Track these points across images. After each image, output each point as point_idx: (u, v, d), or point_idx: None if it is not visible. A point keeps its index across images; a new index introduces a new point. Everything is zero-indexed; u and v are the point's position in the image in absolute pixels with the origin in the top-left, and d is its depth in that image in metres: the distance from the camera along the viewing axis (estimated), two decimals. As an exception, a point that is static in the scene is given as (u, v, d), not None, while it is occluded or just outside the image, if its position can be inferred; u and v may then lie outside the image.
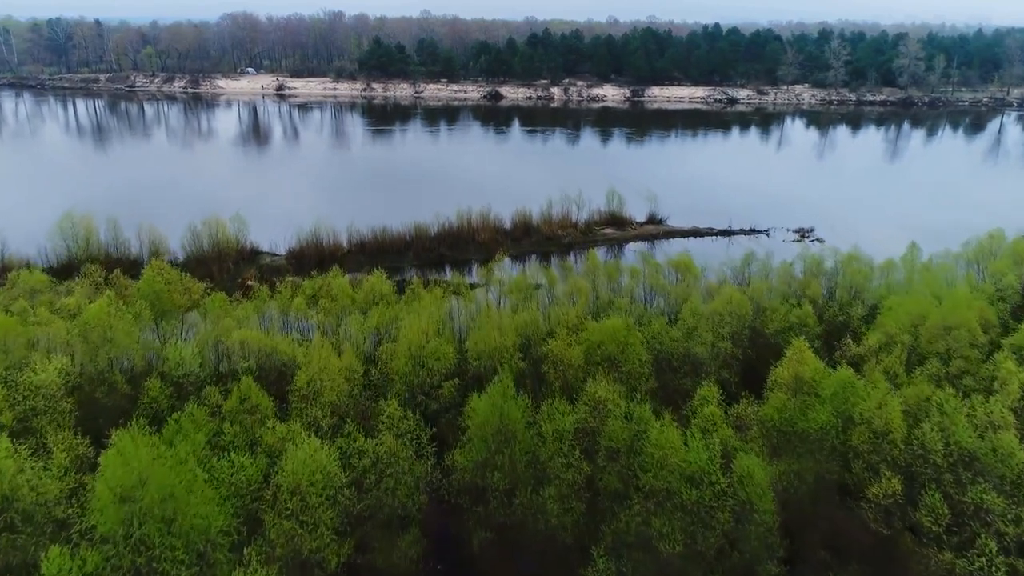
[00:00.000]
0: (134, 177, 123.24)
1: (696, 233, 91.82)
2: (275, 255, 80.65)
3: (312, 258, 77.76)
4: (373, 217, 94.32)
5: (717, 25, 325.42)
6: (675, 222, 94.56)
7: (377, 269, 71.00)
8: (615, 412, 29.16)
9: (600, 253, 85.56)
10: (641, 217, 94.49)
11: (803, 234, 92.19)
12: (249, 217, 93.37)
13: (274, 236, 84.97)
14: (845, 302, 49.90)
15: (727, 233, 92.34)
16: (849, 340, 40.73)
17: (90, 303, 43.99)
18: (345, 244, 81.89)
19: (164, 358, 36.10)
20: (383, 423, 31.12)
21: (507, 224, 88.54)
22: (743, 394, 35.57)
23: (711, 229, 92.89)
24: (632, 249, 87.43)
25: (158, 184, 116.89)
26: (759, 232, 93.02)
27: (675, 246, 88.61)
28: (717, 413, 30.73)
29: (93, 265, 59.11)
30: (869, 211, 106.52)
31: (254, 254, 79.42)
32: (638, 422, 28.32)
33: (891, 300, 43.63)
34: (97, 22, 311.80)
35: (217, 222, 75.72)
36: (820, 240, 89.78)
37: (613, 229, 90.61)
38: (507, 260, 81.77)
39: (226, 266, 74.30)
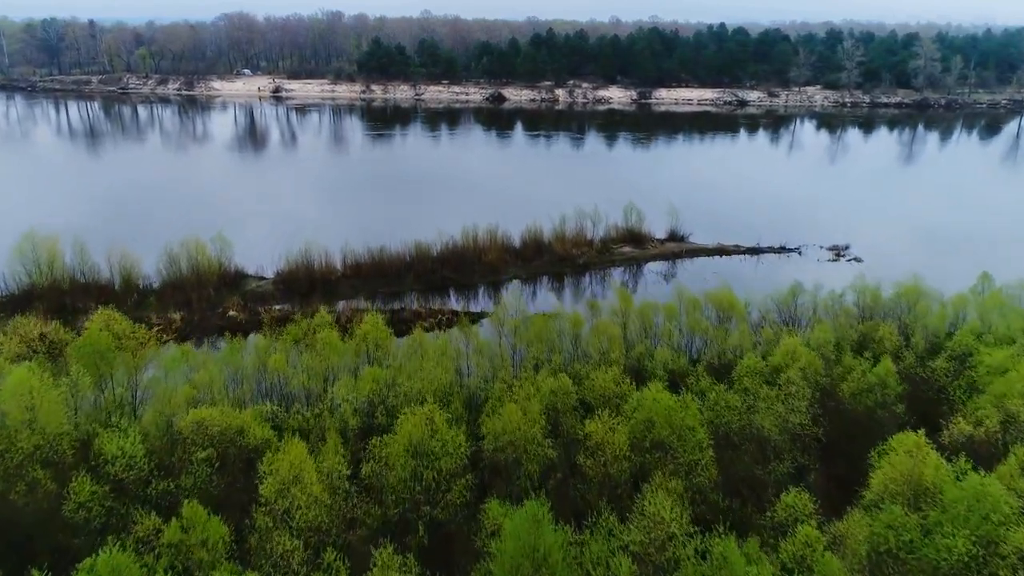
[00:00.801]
0: (119, 186, 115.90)
1: (722, 251, 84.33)
2: (262, 279, 73.19)
3: (302, 283, 70.35)
4: (371, 231, 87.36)
5: (723, 25, 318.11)
6: (698, 239, 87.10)
7: (373, 304, 63.90)
8: (683, 547, 21.77)
9: (617, 274, 78.42)
10: (661, 233, 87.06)
11: (838, 252, 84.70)
12: (238, 232, 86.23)
13: (262, 254, 77.74)
14: (921, 350, 42.37)
15: (755, 251, 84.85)
16: (959, 420, 32.96)
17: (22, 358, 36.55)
18: (339, 266, 74.49)
19: (99, 449, 28.56)
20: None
21: (516, 242, 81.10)
22: (830, 488, 28.09)
23: (737, 247, 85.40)
24: (652, 270, 79.97)
25: (144, 194, 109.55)
26: (790, 250, 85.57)
27: (699, 266, 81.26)
28: (815, 536, 23.28)
29: (26, 318, 50.48)
30: (900, 222, 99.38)
31: (238, 278, 71.94)
32: (719, 564, 20.88)
33: (991, 355, 36.12)
34: (91, 22, 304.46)
35: (196, 244, 68.25)
36: (858, 259, 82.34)
37: (631, 247, 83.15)
38: (516, 283, 74.57)
39: (206, 293, 66.83)
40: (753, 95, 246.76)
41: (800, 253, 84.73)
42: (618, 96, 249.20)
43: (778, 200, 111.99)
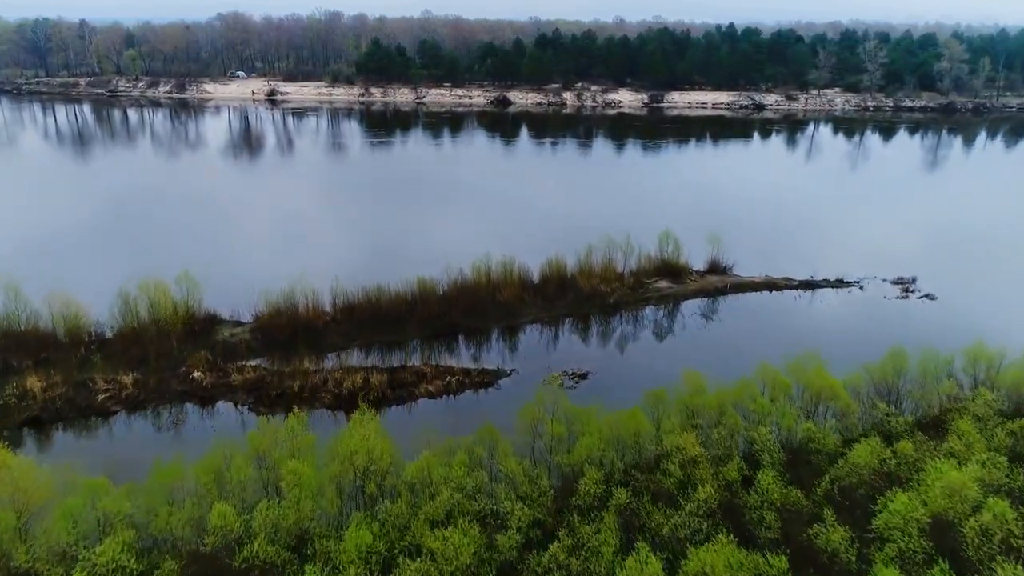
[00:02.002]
0: (93, 202, 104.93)
1: (771, 286, 73.24)
2: (238, 324, 62.07)
3: (284, 330, 59.27)
4: (368, 255, 76.50)
5: (732, 25, 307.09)
6: (742, 269, 75.97)
7: (369, 355, 52.79)
8: None
9: (652, 314, 67.34)
10: (699, 264, 75.93)
11: (906, 287, 73.52)
12: (219, 255, 75.58)
13: (242, 288, 66.86)
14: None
15: (809, 286, 73.76)
16: None
17: None
18: (328, 307, 63.42)
19: None
20: None
21: (534, 275, 70.06)
22: None
23: (789, 281, 74.29)
24: (693, 310, 68.77)
25: (117, 213, 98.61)
26: (848, 284, 74.42)
27: (746, 304, 70.20)
28: None
29: None
30: (962, 244, 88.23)
31: (209, 325, 60.84)
32: None
33: None
34: (82, 22, 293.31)
35: (157, 286, 57.13)
36: (930, 296, 71.20)
37: (668, 282, 72.06)
38: (536, 329, 63.55)
39: (167, 346, 55.76)
40: (770, 99, 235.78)
41: (861, 288, 73.60)
42: (628, 99, 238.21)
43: (819, 219, 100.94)
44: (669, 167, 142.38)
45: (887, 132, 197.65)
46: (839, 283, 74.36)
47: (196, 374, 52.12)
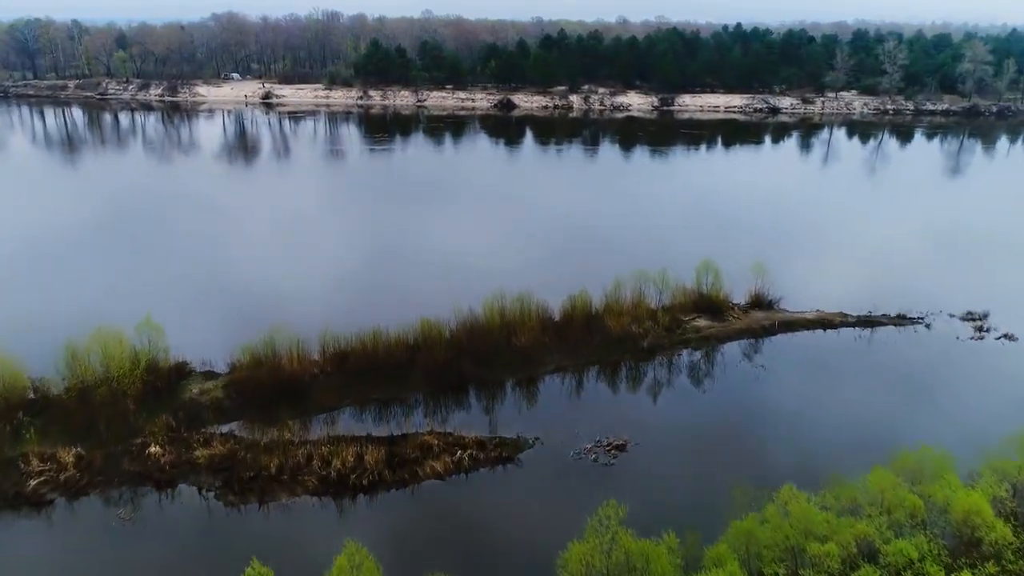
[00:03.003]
0: (66, 216, 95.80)
1: (825, 323, 64.11)
2: (210, 376, 52.94)
3: (264, 385, 50.07)
4: (365, 281, 67.24)
5: (739, 25, 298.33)
6: (790, 303, 66.82)
7: (363, 415, 43.63)
8: None
9: (690, 360, 58.18)
10: (740, 296, 66.78)
11: (978, 325, 64.35)
12: (198, 285, 66.57)
13: (221, 322, 58.19)
14: None
15: (868, 323, 64.66)
16: None
17: None
18: (317, 356, 54.28)
19: None
20: None
21: (554, 311, 60.91)
22: None
23: (844, 317, 65.15)
24: (739, 355, 59.61)
25: (92, 228, 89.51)
26: (913, 320, 65.26)
27: (797, 345, 61.09)
28: None
29: None
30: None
31: (176, 376, 51.67)
32: None
33: None
34: (74, 23, 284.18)
35: (111, 335, 47.94)
36: (1009, 337, 62.03)
37: (707, 319, 62.92)
38: (559, 381, 54.40)
39: (123, 408, 46.63)
40: (785, 101, 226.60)
41: (927, 326, 64.42)
42: (638, 103, 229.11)
43: (863, 239, 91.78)
44: (690, 177, 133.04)
45: (912, 137, 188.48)
46: (901, 319, 65.21)
47: (153, 448, 42.97)
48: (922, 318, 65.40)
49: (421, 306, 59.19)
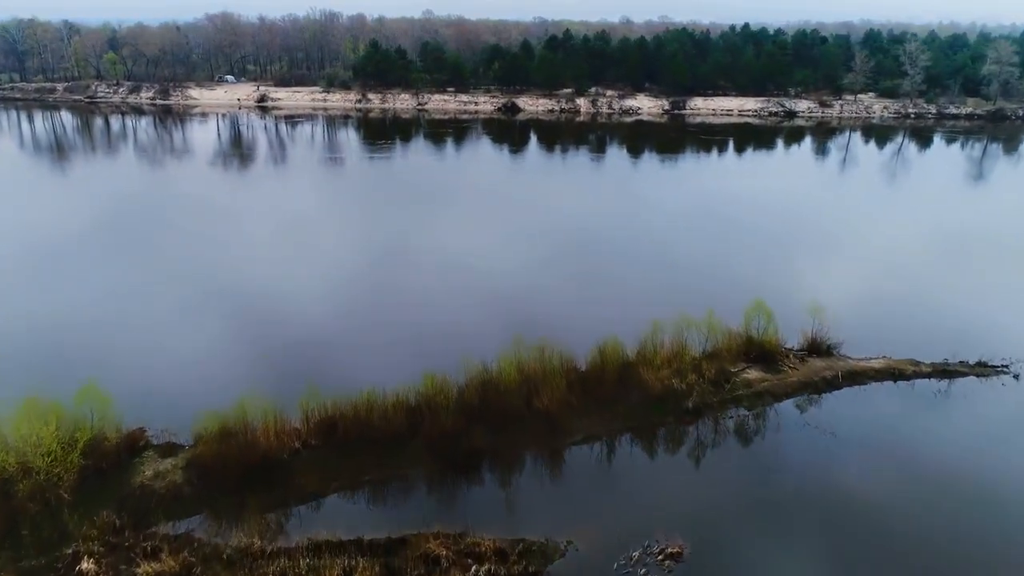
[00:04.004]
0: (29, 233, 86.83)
1: (895, 373, 54.99)
2: (172, 448, 43.85)
3: (233, 465, 40.99)
4: (359, 325, 58.02)
5: (747, 25, 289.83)
6: (852, 348, 57.68)
7: (356, 499, 34.46)
8: None
9: (743, 423, 49.06)
10: (791, 337, 57.67)
11: (1077, 375, 55.26)
12: (159, 329, 57.55)
13: (188, 372, 49.39)
14: None
15: (944, 372, 55.54)
16: None
17: None
18: (299, 423, 45.18)
19: None
20: None
21: (580, 362, 51.85)
22: None
23: (916, 365, 56.02)
24: (798, 415, 50.47)
25: (56, 252, 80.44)
26: (996, 369, 56.15)
27: (864, 400, 52.02)
28: None
29: None
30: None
31: (126, 452, 42.59)
32: None
33: None
34: (66, 23, 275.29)
35: (40, 413, 38.80)
36: (1117, 392, 52.90)
37: (759, 370, 53.79)
38: (590, 453, 45.36)
39: (53, 504, 37.55)
40: (802, 105, 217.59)
41: (1016, 376, 55.27)
42: (647, 106, 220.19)
43: (924, 266, 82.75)
44: (712, 188, 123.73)
45: (939, 142, 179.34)
46: (983, 368, 56.11)
47: (86, 565, 33.88)
48: (1007, 366, 56.29)
49: (423, 348, 50.20)
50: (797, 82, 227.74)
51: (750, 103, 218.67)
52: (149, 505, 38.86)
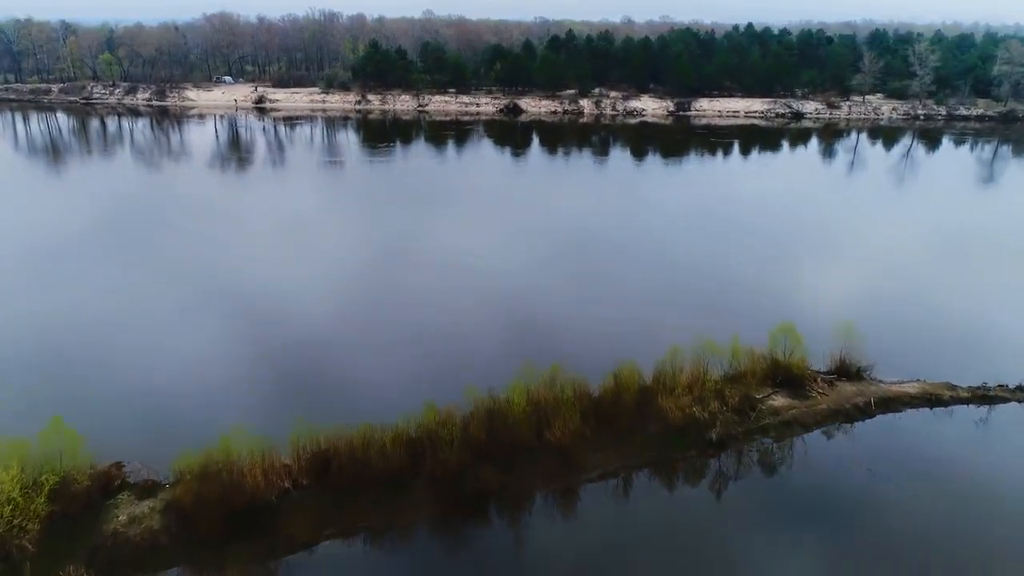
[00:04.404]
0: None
1: (932, 399, 51.27)
2: (149, 489, 40.18)
3: (216, 508, 37.28)
4: (357, 346, 54.19)
5: (750, 25, 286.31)
6: (884, 370, 53.94)
7: (351, 545, 30.87)
8: None
9: (771, 456, 45.35)
10: (818, 359, 53.90)
11: None
12: (142, 348, 53.83)
13: (173, 394, 45.77)
14: None
15: (984, 397, 51.82)
16: None
17: None
18: (289, 460, 41.47)
19: None
20: None
21: (594, 387, 48.15)
22: None
23: (953, 389, 52.28)
24: (831, 447, 46.74)
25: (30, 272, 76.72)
26: (1041, 394, 52.39)
27: (900, 430, 48.31)
28: None
29: None
30: None
31: (99, 493, 38.92)
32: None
33: None
34: (63, 23, 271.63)
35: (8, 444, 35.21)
36: None
37: (786, 396, 50.06)
38: (606, 492, 41.66)
39: (20, 550, 33.84)
40: (809, 106, 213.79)
41: (1062, 402, 51.55)
42: (652, 107, 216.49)
43: (955, 281, 79.05)
44: (726, 194, 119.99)
45: (955, 144, 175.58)
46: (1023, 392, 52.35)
47: (46, 631, 30.15)
48: (1051, 391, 52.53)
49: (425, 348, 46.55)
50: (804, 83, 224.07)
51: (756, 104, 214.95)
52: (122, 556, 35.17)
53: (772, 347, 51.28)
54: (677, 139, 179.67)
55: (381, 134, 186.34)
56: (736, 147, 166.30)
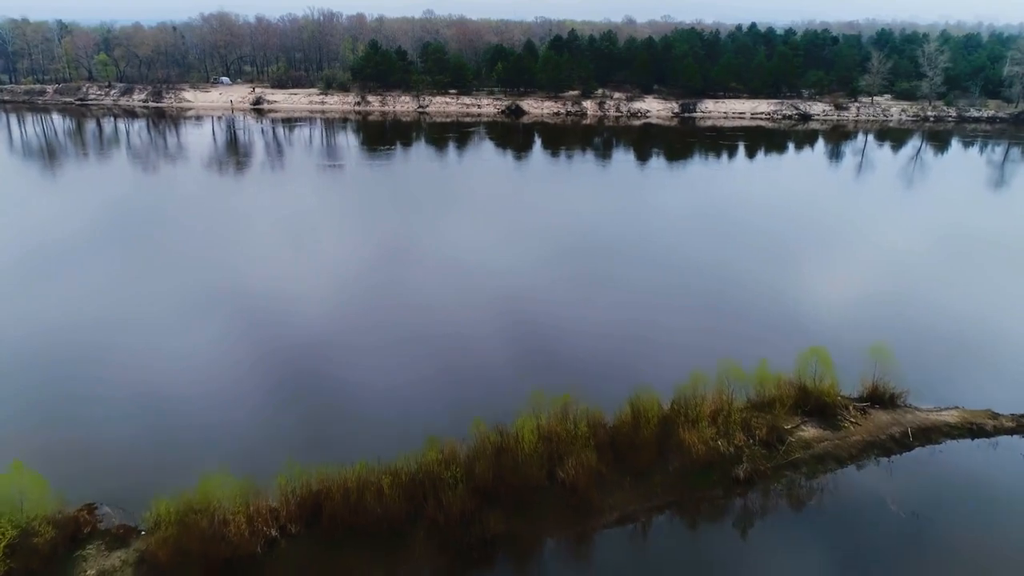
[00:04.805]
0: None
1: (973, 428, 47.57)
2: (121, 536, 36.47)
3: (195, 558, 33.58)
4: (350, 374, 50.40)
5: (754, 25, 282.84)
6: (920, 396, 50.18)
7: None
8: None
9: (802, 496, 41.67)
10: (848, 383, 50.13)
11: None
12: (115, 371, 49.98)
13: (161, 409, 42.03)
14: None
15: (1030, 427, 47.96)
16: None
17: None
18: (277, 503, 37.75)
19: None
20: None
21: (607, 414, 44.51)
22: None
23: (995, 418, 48.53)
24: (869, 484, 42.96)
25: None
26: (1089, 423, 48.58)
27: (943, 465, 44.57)
28: None
29: None
30: None
31: (67, 543, 35.22)
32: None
33: None
34: (59, 23, 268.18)
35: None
36: None
37: (817, 426, 46.32)
38: (624, 538, 37.93)
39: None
40: (816, 108, 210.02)
41: (1113, 432, 47.76)
42: (656, 108, 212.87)
43: (979, 287, 75.29)
44: (737, 198, 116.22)
45: (972, 147, 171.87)
46: (1073, 421, 48.61)
47: None
48: (1100, 419, 48.74)
49: (425, 394, 42.86)
50: (810, 84, 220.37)
51: (762, 106, 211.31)
52: (87, 620, 31.48)
53: (801, 371, 47.52)
54: (686, 141, 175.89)
55: (381, 136, 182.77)
56: (747, 149, 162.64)
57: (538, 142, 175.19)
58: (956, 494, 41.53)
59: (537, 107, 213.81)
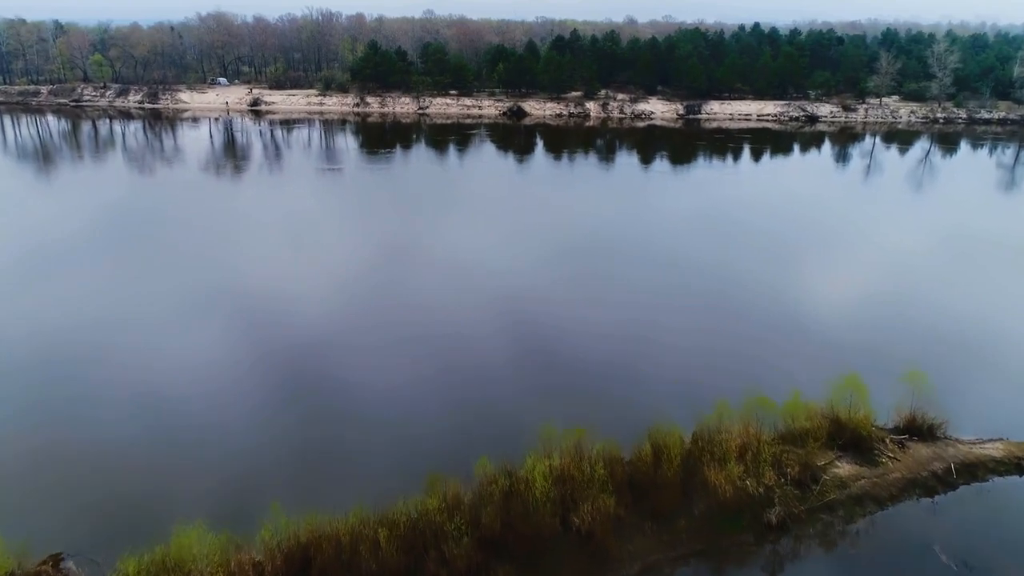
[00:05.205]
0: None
1: (1020, 464, 43.74)
2: (87, 595, 32.78)
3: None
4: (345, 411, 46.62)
5: (757, 25, 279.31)
6: (959, 427, 46.42)
7: None
8: None
9: (836, 541, 37.93)
10: (886, 417, 46.40)
11: None
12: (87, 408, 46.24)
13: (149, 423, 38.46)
14: None
15: (1082, 461, 44.16)
16: None
17: None
18: (262, 557, 34.03)
19: None
20: None
21: (625, 449, 40.83)
22: None
23: (1046, 451, 44.72)
24: (914, 530, 39.19)
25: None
26: None
27: (991, 506, 40.83)
28: None
29: None
30: None
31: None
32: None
33: None
34: (55, 23, 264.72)
35: None
36: None
37: (852, 462, 42.59)
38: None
39: None
40: (824, 109, 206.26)
41: None
42: (661, 110, 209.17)
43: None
44: (754, 202, 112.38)
45: (983, 149, 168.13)
46: None
47: None
48: None
49: (425, 405, 39.19)
50: (816, 85, 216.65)
51: (769, 107, 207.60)
52: None
53: (834, 403, 43.78)
54: (693, 143, 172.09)
55: (380, 138, 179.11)
56: (755, 152, 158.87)
57: (540, 144, 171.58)
58: (1011, 539, 37.81)
59: (539, 108, 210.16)
